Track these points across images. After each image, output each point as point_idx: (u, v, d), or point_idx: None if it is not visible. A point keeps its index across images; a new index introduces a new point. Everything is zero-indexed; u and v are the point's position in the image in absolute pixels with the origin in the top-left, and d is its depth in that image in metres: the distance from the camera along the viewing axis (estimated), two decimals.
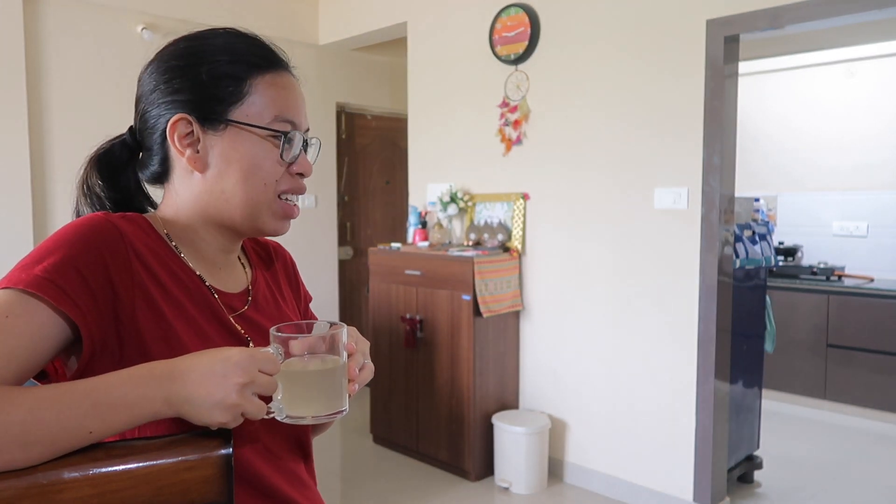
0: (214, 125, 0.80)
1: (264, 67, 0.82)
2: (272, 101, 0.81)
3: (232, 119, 0.80)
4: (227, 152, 0.81)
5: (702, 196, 2.69)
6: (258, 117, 0.80)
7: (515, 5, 3.27)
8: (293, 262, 1.05)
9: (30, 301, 0.67)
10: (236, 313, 0.85)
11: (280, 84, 0.83)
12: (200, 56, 0.81)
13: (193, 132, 0.80)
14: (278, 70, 0.83)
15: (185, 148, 0.81)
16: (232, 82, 0.80)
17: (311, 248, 4.52)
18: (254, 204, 0.82)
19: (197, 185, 0.83)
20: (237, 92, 0.80)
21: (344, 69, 4.68)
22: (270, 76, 0.82)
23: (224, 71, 0.80)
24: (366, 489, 3.16)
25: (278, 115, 0.81)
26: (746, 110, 4.69)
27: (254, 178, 0.81)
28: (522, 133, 3.30)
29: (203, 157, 0.81)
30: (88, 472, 0.63)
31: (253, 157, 0.81)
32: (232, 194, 0.82)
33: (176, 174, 0.84)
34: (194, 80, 0.80)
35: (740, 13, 2.56)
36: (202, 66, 0.80)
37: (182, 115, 0.80)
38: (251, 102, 0.80)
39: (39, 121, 3.38)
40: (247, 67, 0.81)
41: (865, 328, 4.06)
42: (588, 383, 3.12)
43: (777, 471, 3.33)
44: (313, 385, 0.75)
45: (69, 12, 3.44)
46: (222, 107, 0.80)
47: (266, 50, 0.84)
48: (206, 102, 0.80)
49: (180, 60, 0.81)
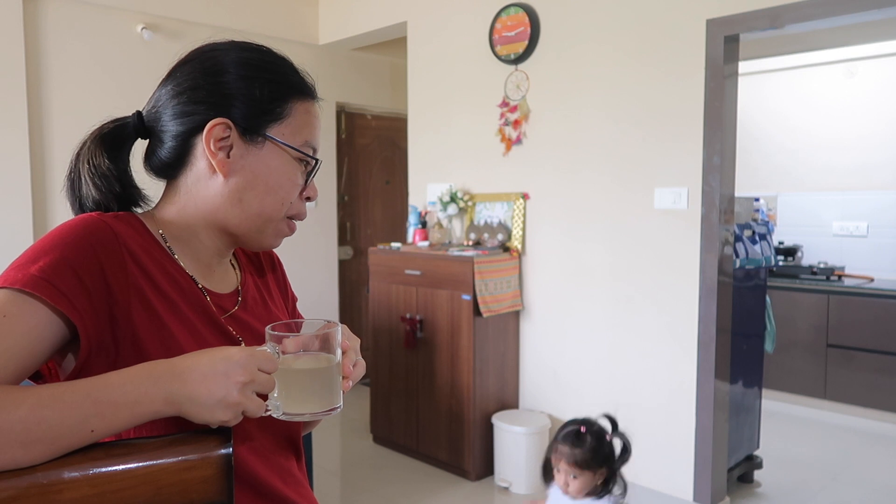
0: (252, 137, 0.82)
1: (304, 94, 0.86)
2: (304, 127, 0.85)
3: (270, 135, 0.83)
4: (256, 165, 0.83)
5: (702, 196, 2.69)
6: (291, 139, 0.84)
7: (515, 5, 3.27)
8: (280, 263, 1.06)
9: (26, 300, 0.67)
10: (227, 314, 0.86)
11: (312, 112, 0.88)
12: (255, 68, 0.83)
13: (229, 137, 0.82)
14: (312, 99, 0.88)
15: (217, 151, 0.81)
16: (278, 101, 0.83)
17: (311, 248, 4.52)
18: (265, 219, 0.85)
19: (215, 187, 0.83)
20: (279, 111, 0.83)
21: (344, 69, 4.68)
22: (307, 103, 0.87)
23: (274, 89, 0.83)
24: (366, 489, 3.16)
25: (307, 140, 0.86)
26: (746, 110, 4.69)
27: (273, 196, 0.84)
28: (522, 133, 3.30)
29: (232, 164, 0.82)
30: (88, 472, 0.63)
31: (279, 175, 0.84)
32: (248, 205, 0.84)
33: (191, 172, 0.84)
34: (241, 90, 0.82)
35: (740, 13, 2.56)
36: (250, 78, 0.82)
37: (223, 120, 0.81)
38: (288, 123, 0.84)
39: (39, 121, 3.38)
40: (290, 90, 0.85)
41: (865, 328, 4.06)
42: (588, 383, 3.12)
43: (777, 471, 3.33)
44: (309, 383, 0.76)
45: (69, 12, 3.44)
46: (263, 122, 0.83)
47: (305, 77, 0.89)
48: (251, 114, 0.82)
49: (229, 66, 0.83)
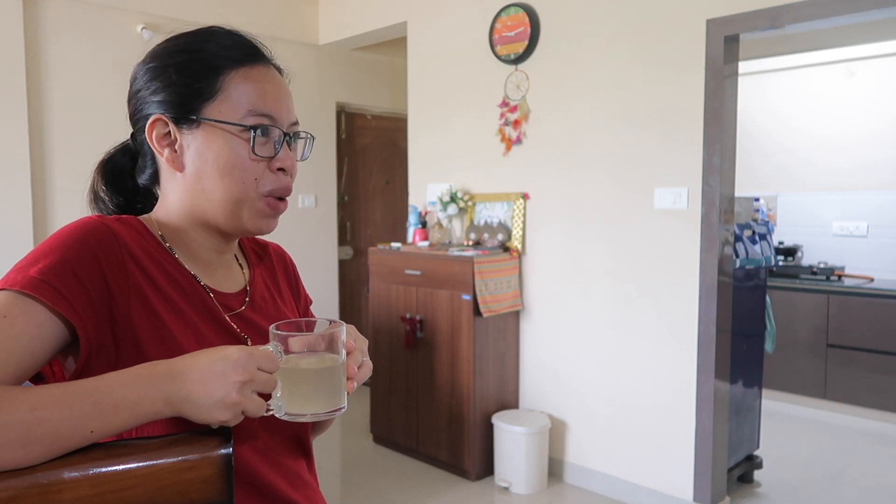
0: (189, 124, 0.80)
1: (238, 61, 0.81)
2: (245, 96, 0.80)
3: (203, 117, 0.79)
4: (201, 150, 0.80)
5: (702, 196, 2.69)
6: (231, 113, 0.79)
7: (515, 5, 3.27)
8: (293, 265, 1.05)
9: (27, 302, 0.68)
10: (233, 313, 0.85)
11: (255, 77, 0.81)
12: (174, 55, 0.81)
13: (170, 132, 0.81)
14: (254, 64, 0.82)
15: (163, 148, 0.81)
16: (203, 79, 0.79)
17: (311, 248, 4.52)
18: (235, 202, 0.81)
19: (180, 185, 0.83)
20: (209, 89, 0.79)
21: (344, 69, 4.68)
22: (245, 70, 0.81)
23: (195, 68, 0.80)
24: (366, 489, 3.16)
25: (252, 109, 0.80)
26: (746, 110, 4.69)
27: (231, 176, 0.80)
28: (522, 133, 3.30)
29: (180, 157, 0.81)
30: (88, 472, 0.63)
31: (227, 154, 0.79)
32: (211, 193, 0.81)
33: (163, 175, 0.85)
34: (168, 80, 0.80)
35: (740, 13, 2.56)
36: (174, 65, 0.80)
37: (158, 116, 0.80)
38: (224, 98, 0.79)
39: (39, 121, 3.38)
40: (219, 63, 0.80)
41: (865, 328, 4.05)
42: (588, 383, 3.12)
43: (777, 471, 3.33)
44: (313, 383, 0.75)
45: (69, 12, 3.44)
46: (195, 105, 0.79)
47: (240, 44, 0.82)
48: (180, 101, 0.80)
49: (156, 61, 0.82)
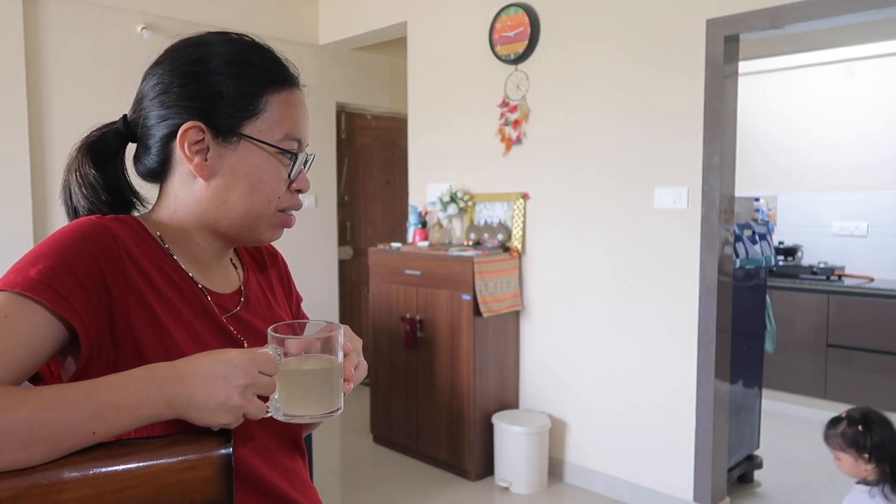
0: (227, 137, 0.80)
1: (279, 84, 0.83)
2: (284, 119, 0.82)
3: (245, 134, 0.80)
4: (235, 165, 0.81)
5: (702, 196, 2.69)
6: (269, 134, 0.81)
7: (515, 5, 3.27)
8: (285, 263, 1.05)
9: (26, 303, 0.68)
10: (229, 314, 0.86)
11: (292, 102, 0.83)
12: (219, 64, 0.80)
13: (204, 140, 0.80)
14: (292, 88, 0.84)
15: (193, 155, 0.80)
16: (250, 97, 0.80)
17: (311, 248, 4.52)
18: (254, 217, 0.83)
19: (199, 191, 0.82)
20: (253, 107, 0.80)
21: (344, 69, 4.68)
22: (286, 94, 0.83)
23: (243, 84, 0.80)
24: (366, 489, 3.16)
25: (288, 133, 0.82)
26: (746, 110, 4.68)
27: (258, 193, 0.82)
28: (522, 133, 3.30)
29: (211, 166, 0.81)
30: (88, 472, 0.63)
31: (261, 172, 0.82)
32: (234, 206, 0.82)
33: (176, 177, 0.83)
34: (212, 90, 0.80)
35: (740, 13, 2.56)
36: (220, 75, 0.80)
37: (195, 123, 0.79)
38: (264, 119, 0.81)
39: (39, 121, 3.38)
40: (263, 83, 0.81)
41: (865, 328, 4.06)
42: (588, 383, 3.12)
43: (777, 471, 3.33)
44: (311, 385, 0.76)
45: (69, 12, 3.44)
46: (237, 120, 0.80)
47: (281, 66, 0.84)
48: (222, 114, 0.80)
49: (197, 66, 0.80)
